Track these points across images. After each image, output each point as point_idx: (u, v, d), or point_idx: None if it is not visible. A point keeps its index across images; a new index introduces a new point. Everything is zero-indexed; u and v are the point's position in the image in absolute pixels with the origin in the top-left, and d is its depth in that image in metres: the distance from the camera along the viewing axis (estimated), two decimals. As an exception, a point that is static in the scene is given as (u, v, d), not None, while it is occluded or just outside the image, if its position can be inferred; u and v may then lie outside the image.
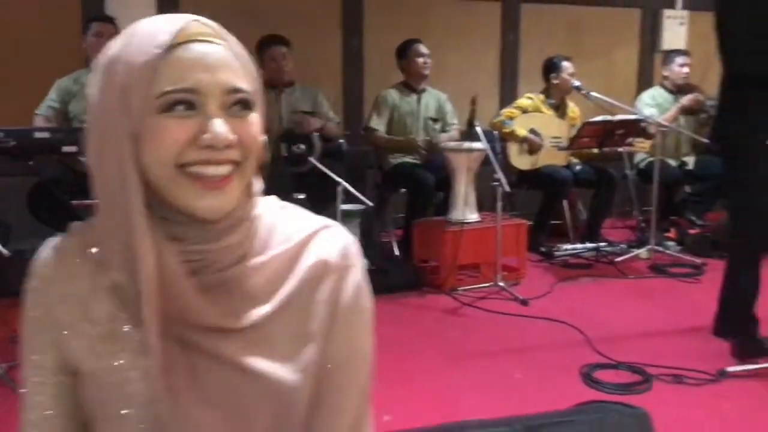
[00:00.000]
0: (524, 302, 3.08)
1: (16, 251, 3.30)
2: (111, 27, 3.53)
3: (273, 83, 3.84)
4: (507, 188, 3.16)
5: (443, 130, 4.07)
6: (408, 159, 3.98)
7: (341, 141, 3.97)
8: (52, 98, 3.50)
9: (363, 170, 4.41)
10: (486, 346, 2.62)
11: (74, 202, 3.31)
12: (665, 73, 4.40)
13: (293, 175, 3.65)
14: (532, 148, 4.05)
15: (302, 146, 3.60)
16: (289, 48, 3.85)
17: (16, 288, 0.94)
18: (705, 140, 3.93)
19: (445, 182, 3.62)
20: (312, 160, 3.50)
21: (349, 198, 3.39)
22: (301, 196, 3.74)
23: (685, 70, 4.31)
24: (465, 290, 3.24)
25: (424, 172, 3.74)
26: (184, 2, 4.47)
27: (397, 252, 3.86)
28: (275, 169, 3.61)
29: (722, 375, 2.28)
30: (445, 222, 3.38)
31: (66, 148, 2.96)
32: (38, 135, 2.94)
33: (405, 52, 4.04)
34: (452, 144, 3.56)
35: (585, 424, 1.44)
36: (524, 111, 4.13)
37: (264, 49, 3.81)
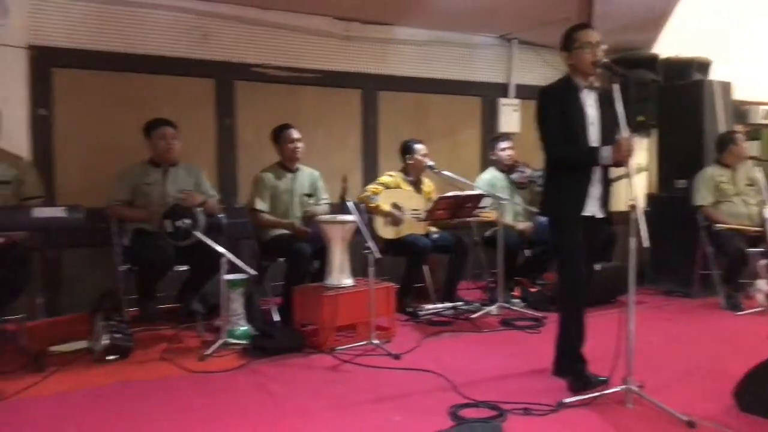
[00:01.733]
0: (397, 357, 3.47)
1: None
2: None
3: (159, 162, 4.07)
4: (378, 255, 3.59)
5: (315, 204, 4.48)
6: (285, 232, 4.31)
7: (221, 216, 4.23)
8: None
9: (238, 241, 4.68)
10: (367, 396, 2.95)
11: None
12: (493, 157, 5.16)
13: (177, 249, 3.86)
14: (395, 221, 4.56)
15: (187, 221, 3.82)
16: (175, 129, 4.12)
17: None
18: (536, 210, 4.67)
19: (320, 251, 3.99)
20: (197, 233, 3.73)
21: (232, 268, 3.65)
22: (185, 268, 3.96)
23: (508, 152, 5.08)
24: (343, 349, 3.58)
25: (301, 243, 4.09)
26: (59, 84, 4.59)
27: (276, 317, 4.13)
28: (160, 244, 3.81)
29: (561, 406, 2.78)
30: (323, 287, 3.73)
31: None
32: None
33: (278, 137, 4.44)
34: (327, 217, 3.97)
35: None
36: (387, 187, 4.66)
37: (152, 130, 4.06)
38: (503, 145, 5.11)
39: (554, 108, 3.03)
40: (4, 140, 3.80)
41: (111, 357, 3.40)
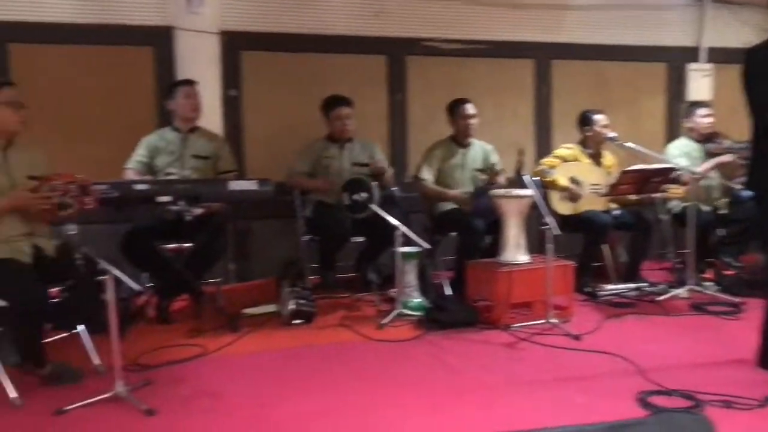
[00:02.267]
0: (577, 337, 3.33)
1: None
2: (195, 89, 3.94)
3: (336, 139, 4.23)
4: (558, 231, 3.45)
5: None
6: (456, 206, 4.29)
7: (395, 189, 4.31)
8: (140, 153, 3.88)
9: (410, 215, 4.74)
10: (547, 375, 2.87)
11: (162, 246, 3.66)
12: (689, 125, 4.68)
13: (354, 221, 3.98)
14: (573, 196, 4.35)
15: (363, 194, 3.93)
16: (351, 108, 4.24)
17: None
18: (737, 186, 4.23)
19: (493, 226, 3.92)
20: (373, 206, 3.82)
21: (406, 241, 3.70)
22: (361, 240, 4.08)
23: (707, 120, 4.58)
24: (519, 327, 3.50)
25: (474, 218, 4.05)
26: (247, 66, 4.91)
27: (448, 291, 4.14)
28: (339, 216, 3.96)
29: (769, 401, 2.50)
30: (498, 263, 3.67)
31: (160, 198, 3.31)
32: (137, 187, 3.30)
33: (454, 111, 4.41)
34: (502, 191, 3.88)
35: (657, 425, 1.70)
36: (564, 160, 4.45)
37: (330, 108, 4.21)
38: (703, 112, 4.63)
39: (764, 69, 2.69)
40: (202, 119, 4.14)
41: (297, 321, 3.61)
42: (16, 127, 2.75)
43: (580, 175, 4.41)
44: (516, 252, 3.68)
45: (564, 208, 4.36)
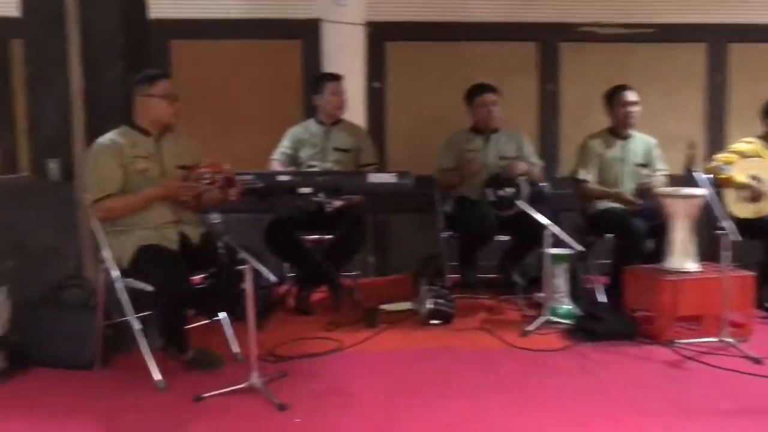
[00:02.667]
0: (758, 361, 2.87)
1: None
2: (341, 85, 3.89)
3: (481, 129, 4.00)
4: (736, 237, 2.99)
5: (650, 175, 3.96)
6: (615, 205, 3.90)
7: (544, 185, 4.00)
8: (285, 145, 3.91)
9: (561, 213, 4.40)
10: (721, 404, 2.47)
11: (302, 236, 3.65)
12: None
13: (499, 218, 3.74)
14: (755, 196, 3.79)
15: (509, 190, 3.68)
16: (497, 95, 3.99)
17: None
18: None
19: (656, 230, 3.51)
20: (519, 203, 3.56)
21: (556, 242, 3.40)
22: (506, 239, 3.83)
23: None
24: (685, 343, 3.08)
25: (635, 219, 3.65)
26: (391, 57, 4.82)
27: (602, 298, 3.78)
28: (482, 212, 3.74)
29: None
30: (662, 270, 3.26)
31: (302, 190, 3.29)
32: (280, 178, 3.30)
33: (612, 98, 4.00)
34: (669, 189, 3.45)
35: None
36: (743, 156, 3.90)
37: (474, 96, 3.99)
38: None
39: None
40: (345, 111, 4.09)
41: (434, 321, 3.44)
42: (170, 119, 2.82)
43: (762, 173, 3.84)
44: (683, 258, 3.24)
45: (742, 210, 3.81)
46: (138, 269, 2.63)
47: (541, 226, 3.36)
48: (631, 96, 3.95)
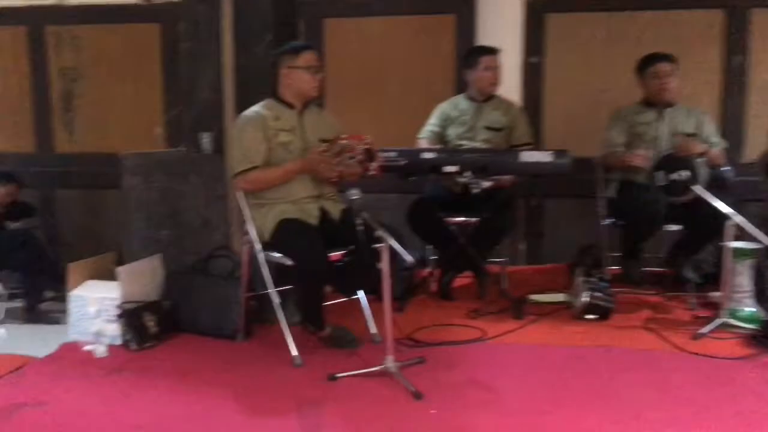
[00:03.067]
0: None
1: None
2: (497, 59, 3.65)
3: (653, 102, 3.56)
4: None
5: None
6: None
7: (726, 169, 3.48)
8: (433, 123, 3.74)
9: (746, 203, 3.84)
10: None
11: (447, 217, 3.47)
12: None
13: (670, 205, 3.30)
14: None
15: (684, 173, 3.23)
16: (675, 65, 3.53)
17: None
18: None
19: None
20: (696, 188, 3.10)
21: (741, 234, 2.93)
22: (677, 228, 3.38)
23: None
24: None
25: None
26: (550, 30, 4.47)
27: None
28: (651, 198, 3.33)
29: None
30: None
31: (447, 168, 3.11)
32: (425, 155, 3.15)
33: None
34: None
35: None
36: None
37: (646, 65, 3.55)
38: None
39: None
40: (499, 88, 3.85)
41: (590, 316, 3.12)
42: (312, 91, 2.77)
43: None
44: None
45: None
46: (278, 243, 2.61)
47: (722, 216, 2.90)
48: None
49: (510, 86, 4.41)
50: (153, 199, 3.11)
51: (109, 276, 2.91)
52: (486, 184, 3.37)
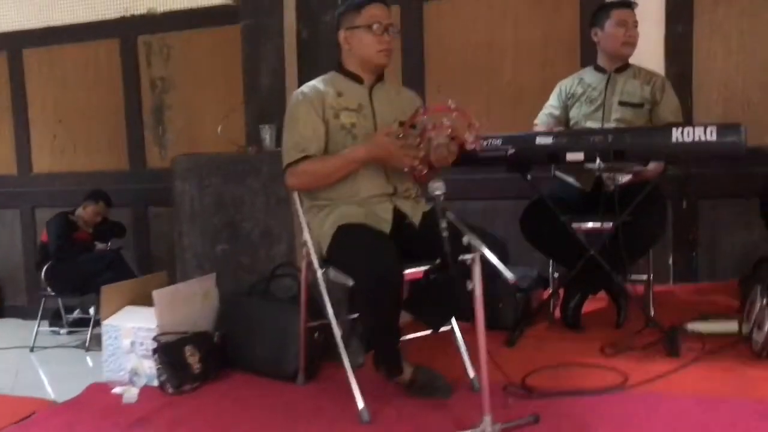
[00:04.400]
0: None
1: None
2: (632, 13, 2.86)
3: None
4: None
5: None
6: None
7: None
8: (552, 104, 3.00)
9: None
10: None
11: (573, 223, 2.69)
12: None
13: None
14: None
15: None
16: None
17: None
18: None
19: None
20: None
21: None
22: None
23: None
24: None
25: None
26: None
27: None
28: None
29: None
30: None
31: (570, 156, 2.37)
32: (540, 141, 2.43)
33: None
34: None
35: None
36: None
37: None
38: None
39: None
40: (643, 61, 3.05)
41: (781, 355, 2.23)
42: (379, 57, 2.12)
43: None
44: None
45: None
46: (336, 256, 1.98)
47: None
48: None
49: (653, 62, 3.60)
50: (206, 207, 2.61)
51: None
52: (625, 178, 2.60)
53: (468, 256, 1.66)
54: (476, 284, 1.65)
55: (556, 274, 2.96)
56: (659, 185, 2.75)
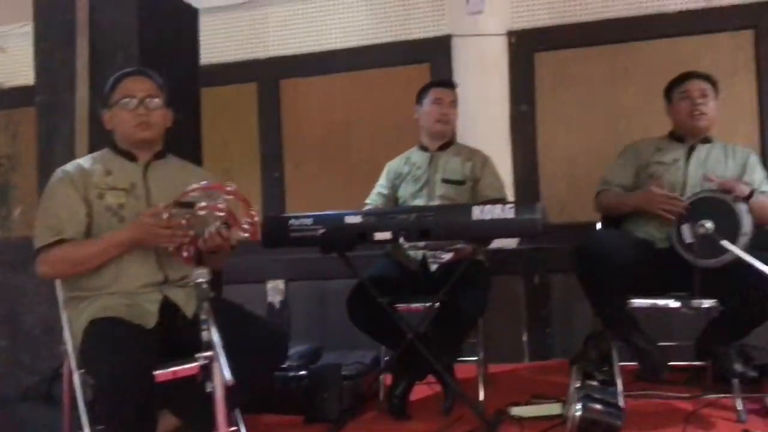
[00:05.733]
0: None
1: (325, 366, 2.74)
2: (450, 93, 2.89)
3: (685, 135, 2.66)
4: None
5: None
6: None
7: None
8: (381, 184, 2.96)
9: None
10: None
11: (397, 305, 2.58)
12: None
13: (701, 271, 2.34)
14: None
15: (708, 225, 2.26)
16: (714, 87, 2.64)
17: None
18: None
19: None
20: (731, 247, 2.17)
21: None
22: (709, 304, 2.38)
23: None
24: None
25: None
26: (541, 75, 3.73)
27: None
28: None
29: None
30: None
31: (378, 235, 2.30)
32: (349, 220, 2.35)
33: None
34: None
35: None
36: None
37: (675, 87, 2.69)
38: None
39: None
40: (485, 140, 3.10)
41: (589, 438, 2.15)
42: (135, 131, 1.99)
43: None
44: None
45: None
46: (83, 354, 1.77)
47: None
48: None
49: (498, 140, 3.69)
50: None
51: None
52: (446, 256, 2.56)
53: (203, 355, 1.50)
54: (217, 386, 1.48)
55: (386, 358, 2.83)
56: (482, 262, 2.73)
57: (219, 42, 4.08)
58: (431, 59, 3.89)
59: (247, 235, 1.85)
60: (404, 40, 3.92)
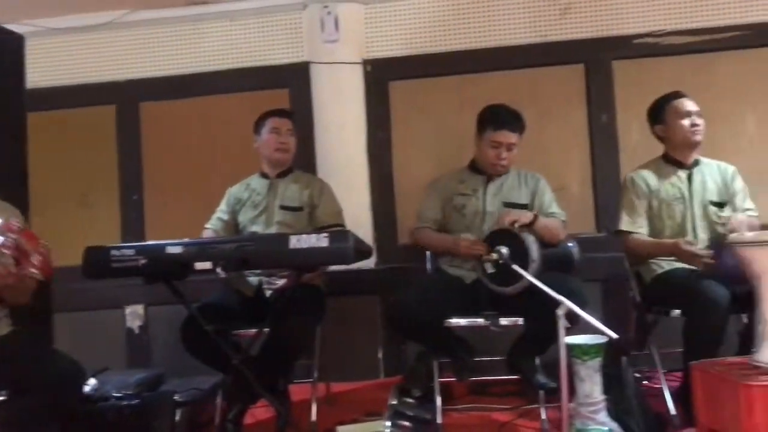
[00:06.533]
0: None
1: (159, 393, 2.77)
2: (286, 121, 3.00)
3: (483, 168, 2.89)
4: None
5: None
6: (687, 267, 2.63)
7: (570, 245, 2.77)
8: (221, 209, 3.03)
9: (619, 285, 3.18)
10: None
11: (233, 331, 2.66)
12: None
13: (500, 295, 2.57)
14: None
15: (503, 251, 2.48)
16: (520, 135, 2.89)
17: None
18: None
19: (745, 299, 2.22)
20: (517, 269, 2.39)
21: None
22: (508, 322, 2.62)
23: None
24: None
25: (711, 284, 2.38)
26: (396, 103, 3.91)
27: (673, 409, 2.47)
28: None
29: None
30: (748, 366, 1.96)
31: (199, 265, 2.36)
32: (170, 251, 2.39)
33: (663, 110, 2.83)
34: (752, 235, 2.17)
35: None
36: None
37: (486, 126, 2.89)
38: None
39: None
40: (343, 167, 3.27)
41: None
42: None
43: None
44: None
45: None
46: None
47: (555, 303, 2.19)
48: (688, 105, 2.80)
49: (356, 164, 3.83)
50: None
51: None
52: (279, 282, 2.66)
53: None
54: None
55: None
56: (317, 287, 2.85)
57: (76, 63, 4.03)
58: (290, 85, 3.98)
59: (36, 271, 1.87)
60: (264, 66, 3.98)
